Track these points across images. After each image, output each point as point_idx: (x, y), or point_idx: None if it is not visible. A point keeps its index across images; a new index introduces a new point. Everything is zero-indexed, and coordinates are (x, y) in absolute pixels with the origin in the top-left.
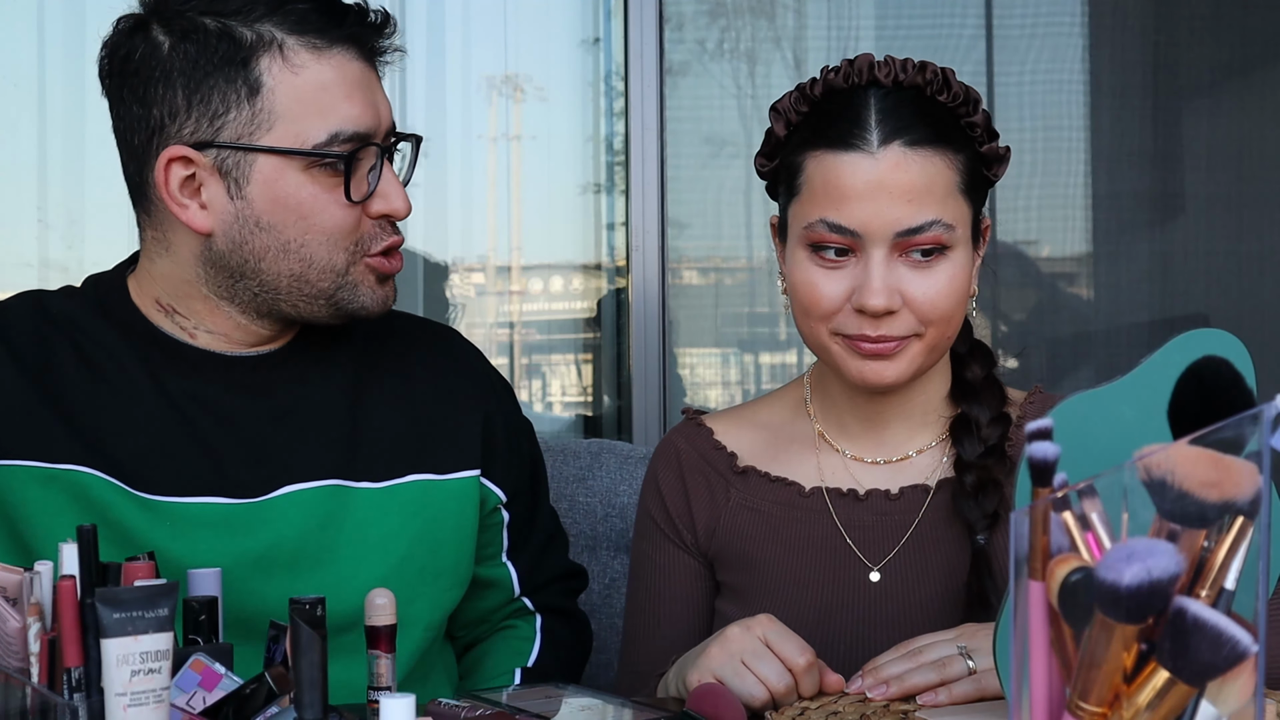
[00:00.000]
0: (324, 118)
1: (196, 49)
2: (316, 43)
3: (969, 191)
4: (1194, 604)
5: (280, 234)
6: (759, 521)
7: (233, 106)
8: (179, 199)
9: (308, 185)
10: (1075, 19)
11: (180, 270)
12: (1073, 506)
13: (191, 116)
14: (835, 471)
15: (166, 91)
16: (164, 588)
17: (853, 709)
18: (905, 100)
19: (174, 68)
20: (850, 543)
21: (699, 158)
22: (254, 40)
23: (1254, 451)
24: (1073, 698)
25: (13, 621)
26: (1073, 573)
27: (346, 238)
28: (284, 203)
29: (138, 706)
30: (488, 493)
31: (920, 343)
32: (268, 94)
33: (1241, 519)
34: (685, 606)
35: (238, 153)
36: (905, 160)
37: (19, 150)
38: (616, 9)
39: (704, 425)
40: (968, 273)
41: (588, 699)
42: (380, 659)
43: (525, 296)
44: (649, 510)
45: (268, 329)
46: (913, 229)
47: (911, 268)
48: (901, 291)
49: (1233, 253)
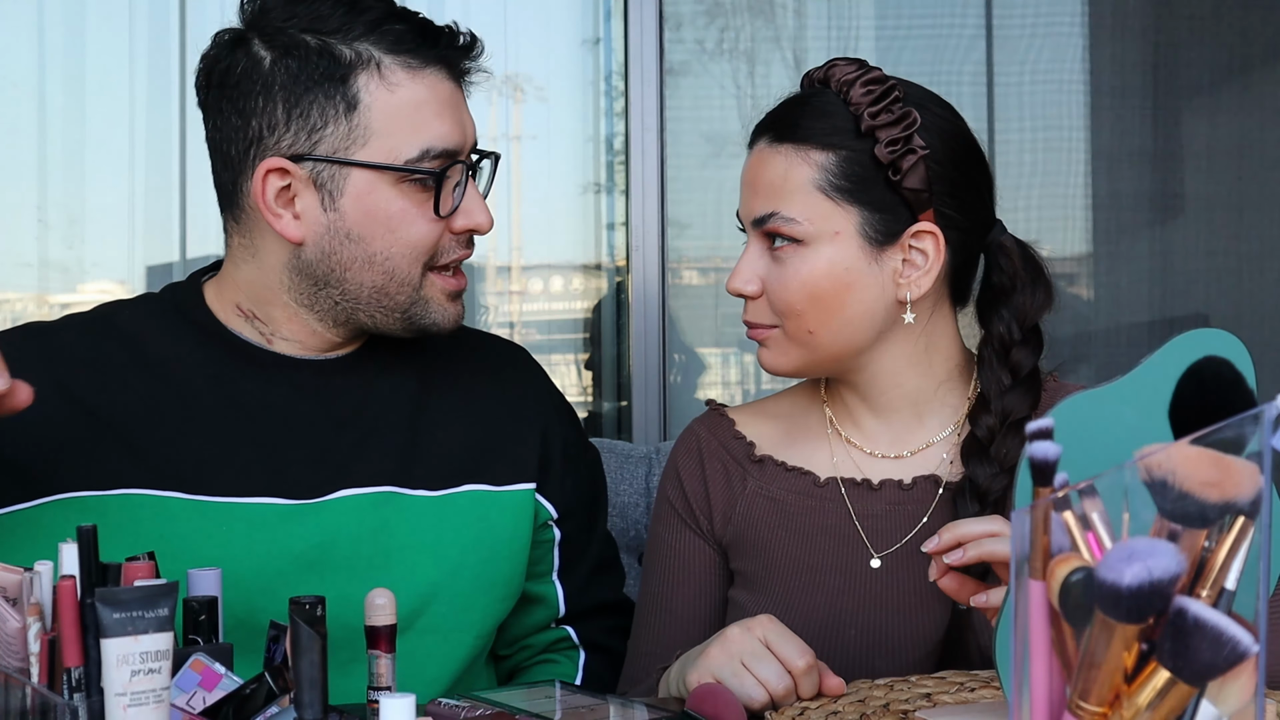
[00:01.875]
0: (417, 134)
1: (297, 64)
2: (411, 62)
3: (841, 188)
4: (1194, 604)
5: (368, 246)
6: (774, 509)
7: (330, 121)
8: (274, 208)
9: (398, 200)
10: (1075, 19)
11: (265, 276)
12: (1073, 506)
13: (290, 129)
14: (848, 461)
15: (267, 104)
16: (164, 588)
17: (852, 709)
18: (804, 101)
19: (275, 81)
20: (860, 530)
21: (699, 158)
22: (353, 58)
23: (1254, 451)
24: (1073, 698)
25: (13, 621)
26: (1073, 573)
27: (428, 252)
28: (375, 215)
29: (138, 706)
30: (540, 507)
31: (782, 335)
32: (364, 110)
33: (1242, 519)
34: (698, 592)
35: (333, 166)
36: (762, 156)
37: (19, 150)
38: (616, 9)
39: (726, 416)
40: (831, 266)
41: (588, 699)
42: (380, 659)
43: (525, 296)
44: (667, 496)
45: (340, 336)
46: (759, 218)
47: (773, 257)
48: (764, 279)
49: (1233, 253)
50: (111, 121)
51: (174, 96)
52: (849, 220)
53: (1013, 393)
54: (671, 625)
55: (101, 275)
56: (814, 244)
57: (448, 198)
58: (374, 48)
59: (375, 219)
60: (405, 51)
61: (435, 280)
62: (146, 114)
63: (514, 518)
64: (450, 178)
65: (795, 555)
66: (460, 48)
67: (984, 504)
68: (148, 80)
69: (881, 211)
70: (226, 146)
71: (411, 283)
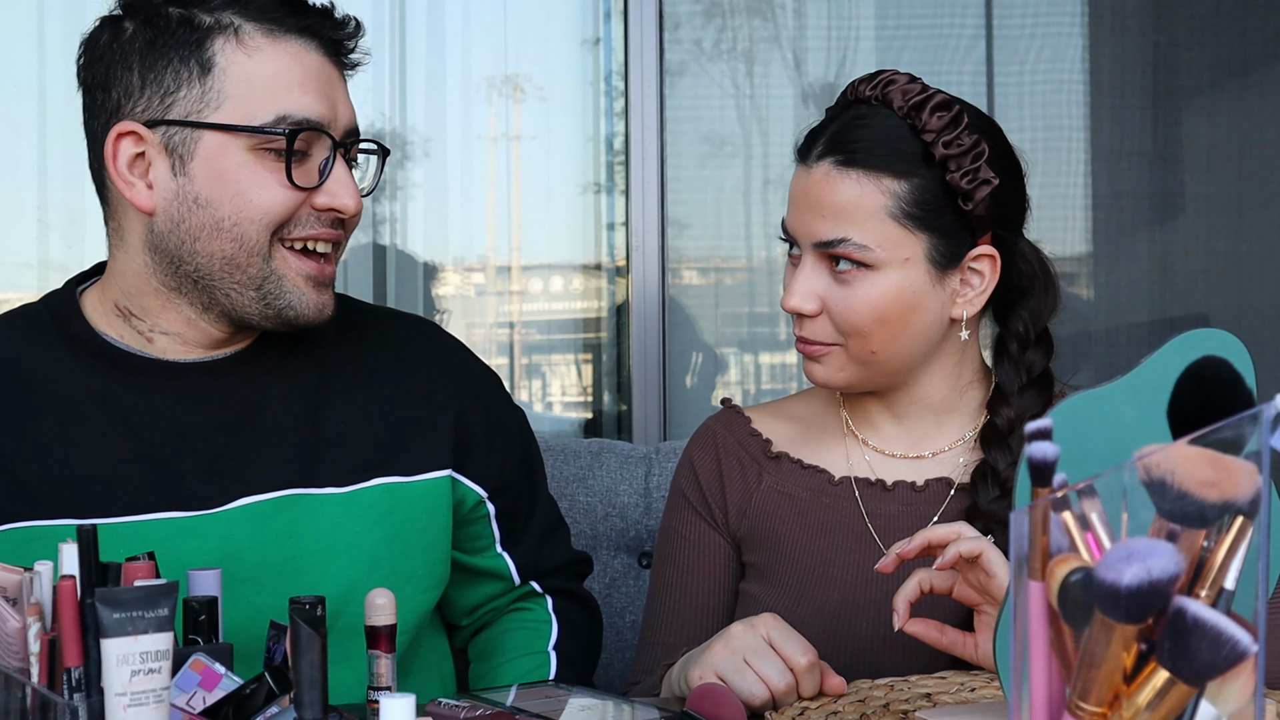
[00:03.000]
0: (273, 100)
1: (155, 33)
2: (273, 29)
3: (913, 216)
4: (1194, 604)
5: (216, 210)
6: (789, 505)
7: (184, 84)
8: (126, 176)
9: (250, 164)
10: (1075, 19)
11: (131, 261)
12: (1073, 506)
13: (144, 95)
14: (863, 461)
15: (124, 74)
16: (164, 588)
17: (853, 709)
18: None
19: (133, 50)
20: (872, 530)
21: (699, 158)
22: (211, 24)
23: (1254, 451)
24: (1073, 698)
25: (13, 621)
26: (1073, 573)
27: (278, 219)
28: (224, 178)
29: (138, 706)
30: (466, 491)
31: (843, 353)
32: (219, 74)
33: (1241, 519)
34: (712, 582)
35: (185, 129)
36: (827, 177)
37: (19, 150)
38: (616, 9)
39: (742, 414)
40: (899, 291)
41: (588, 699)
42: (380, 659)
43: (525, 296)
44: (682, 489)
45: (221, 330)
46: (826, 241)
47: (835, 278)
48: (823, 298)
49: (1233, 253)
50: None
51: None
52: (918, 246)
53: (1030, 390)
54: (686, 614)
55: None
56: (883, 269)
57: (310, 173)
58: (235, 16)
59: (225, 182)
60: (267, 20)
61: (288, 257)
62: None
63: (428, 507)
64: (312, 152)
65: (808, 549)
66: (331, 21)
67: (1003, 490)
68: None
69: (948, 237)
70: (92, 125)
71: (260, 252)
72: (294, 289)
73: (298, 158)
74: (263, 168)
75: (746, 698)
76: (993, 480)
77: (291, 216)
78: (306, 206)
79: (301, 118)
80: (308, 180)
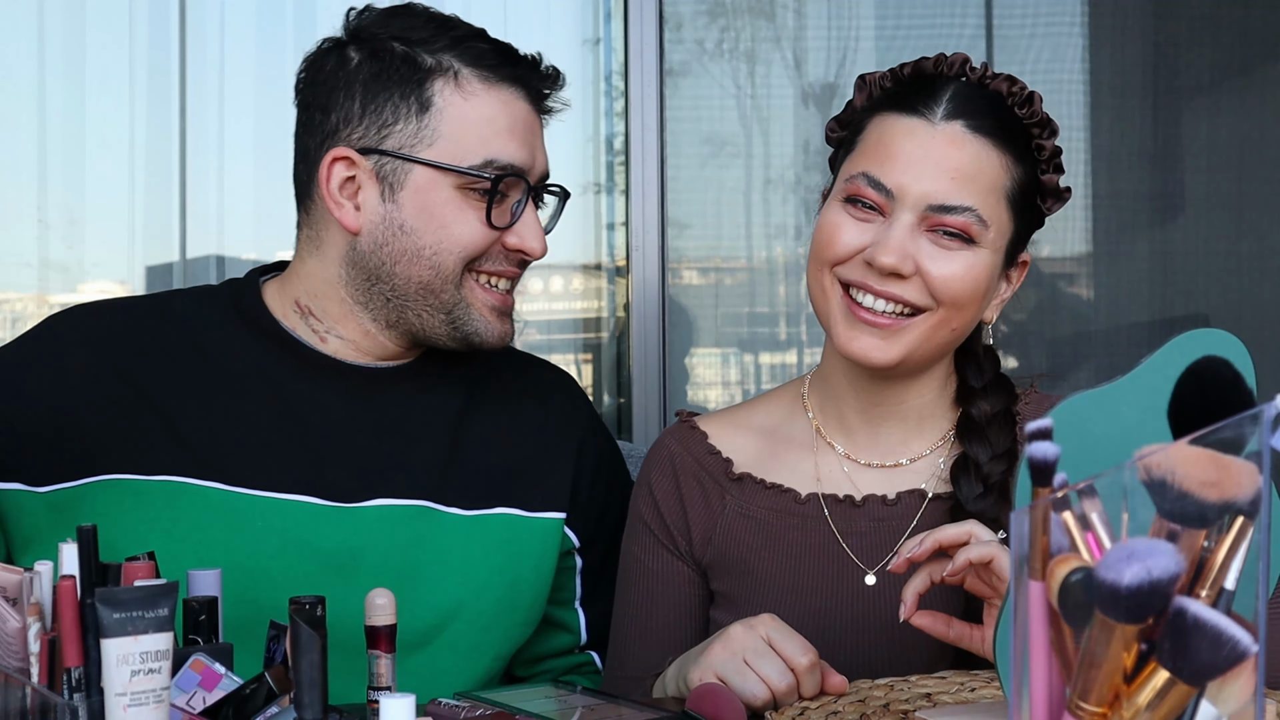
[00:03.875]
0: (484, 145)
1: (380, 66)
2: (489, 76)
3: (1016, 203)
4: (1194, 604)
5: (418, 239)
6: (755, 529)
7: (401, 119)
8: (336, 197)
9: (455, 201)
10: (1075, 19)
11: (324, 269)
12: (1073, 506)
13: (363, 124)
14: (832, 473)
15: (346, 100)
16: (164, 588)
17: (852, 709)
18: (984, 95)
19: (357, 79)
20: (847, 549)
21: (699, 158)
22: (433, 65)
23: (1254, 451)
24: (1073, 698)
25: (13, 621)
26: (1073, 573)
27: (474, 252)
28: (430, 211)
29: (138, 706)
30: (566, 538)
31: (924, 322)
32: (436, 113)
33: (1241, 519)
34: (679, 613)
35: (397, 161)
36: (961, 139)
37: (19, 150)
38: (616, 9)
39: (697, 429)
40: (989, 275)
41: (588, 699)
42: (380, 659)
43: (525, 296)
44: (642, 515)
45: (395, 344)
46: (945, 206)
47: (935, 245)
48: (917, 262)
49: (1233, 253)
50: (111, 121)
51: (174, 96)
52: (1009, 234)
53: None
54: (652, 647)
55: (101, 275)
56: (983, 248)
57: (504, 212)
58: (455, 59)
59: (430, 214)
60: (485, 66)
61: (476, 288)
62: (146, 114)
63: (541, 545)
64: (509, 194)
65: (779, 576)
66: (540, 74)
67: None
68: (148, 80)
69: (1022, 233)
70: (306, 140)
71: (454, 279)
72: (480, 317)
73: (497, 199)
74: (466, 205)
75: (747, 698)
76: (976, 476)
77: (484, 252)
78: (498, 244)
79: (506, 163)
80: (502, 220)
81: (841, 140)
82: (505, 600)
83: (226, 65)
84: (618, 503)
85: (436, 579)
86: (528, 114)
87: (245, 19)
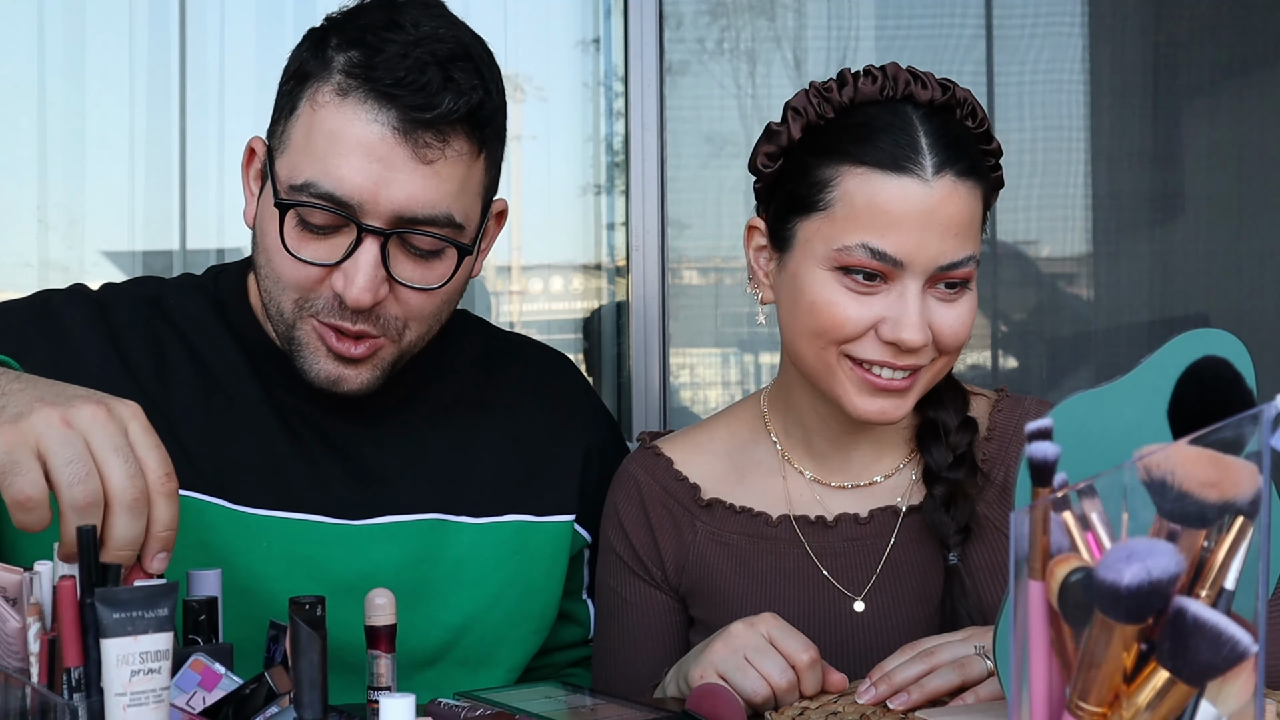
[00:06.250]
0: (312, 164)
1: (299, 61)
2: (345, 86)
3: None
4: (1194, 604)
5: (259, 252)
6: (728, 555)
7: (281, 119)
8: (251, 186)
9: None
10: (1075, 19)
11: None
12: (1073, 506)
13: (274, 114)
14: (801, 495)
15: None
16: (164, 588)
17: (852, 709)
18: (948, 124)
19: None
20: (826, 573)
21: (699, 158)
22: (319, 65)
23: (1254, 451)
24: (1073, 698)
25: (13, 621)
26: (1073, 573)
27: (294, 289)
28: (262, 226)
29: (138, 706)
30: (577, 537)
31: (929, 370)
32: (294, 119)
33: (1241, 519)
34: (660, 643)
35: (269, 160)
36: (954, 191)
37: (19, 149)
38: (616, 9)
39: (662, 455)
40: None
41: (588, 699)
42: (380, 659)
43: (525, 296)
44: (614, 546)
45: None
46: (954, 264)
47: (939, 299)
48: (929, 323)
49: (1233, 253)
50: (111, 121)
51: (174, 96)
52: None
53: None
54: (639, 679)
55: (101, 275)
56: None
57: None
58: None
59: (262, 230)
60: (352, 74)
61: (315, 327)
62: (146, 113)
63: (552, 550)
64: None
65: (755, 600)
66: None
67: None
68: (148, 79)
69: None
70: None
71: (283, 315)
72: (313, 359)
73: (320, 232)
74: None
75: (748, 696)
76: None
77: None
78: (326, 282)
79: (326, 191)
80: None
81: (779, 179)
82: (517, 612)
83: (226, 65)
84: None
85: (446, 595)
86: (380, 139)
87: (245, 19)
